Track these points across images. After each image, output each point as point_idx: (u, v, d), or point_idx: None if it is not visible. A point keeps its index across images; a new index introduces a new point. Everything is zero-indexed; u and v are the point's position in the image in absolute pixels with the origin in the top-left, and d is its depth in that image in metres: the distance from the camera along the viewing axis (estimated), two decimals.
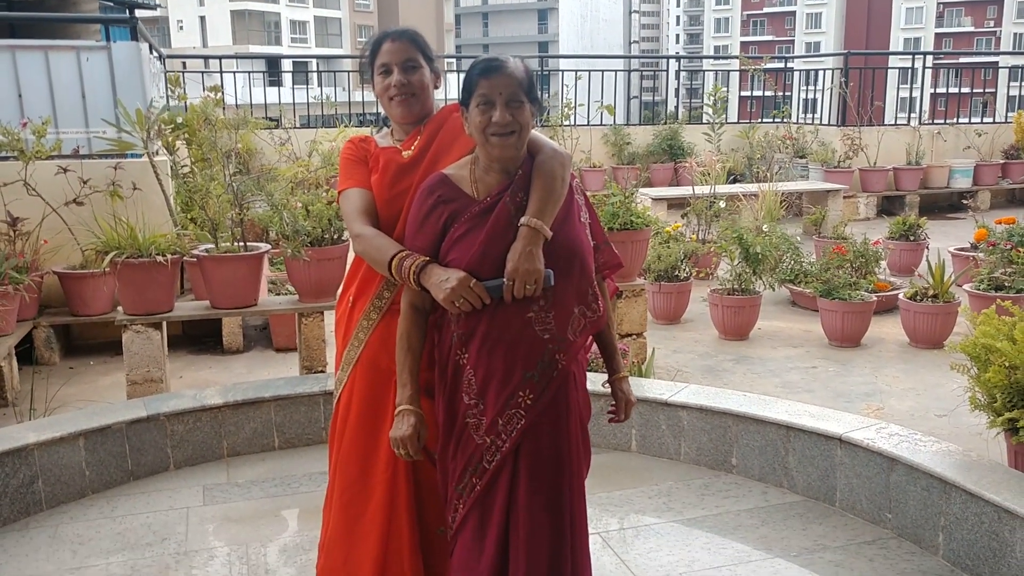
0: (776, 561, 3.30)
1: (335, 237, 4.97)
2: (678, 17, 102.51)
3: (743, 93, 16.97)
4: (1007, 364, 3.39)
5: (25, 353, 5.89)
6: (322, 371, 5.09)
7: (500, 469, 2.24)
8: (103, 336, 6.31)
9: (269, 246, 5.31)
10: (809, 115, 13.01)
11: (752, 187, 9.04)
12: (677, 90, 18.60)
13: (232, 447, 4.25)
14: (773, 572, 3.23)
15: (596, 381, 2.87)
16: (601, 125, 12.25)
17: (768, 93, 13.59)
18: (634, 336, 5.50)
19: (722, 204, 7.42)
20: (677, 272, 6.70)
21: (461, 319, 2.23)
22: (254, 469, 4.14)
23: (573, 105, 11.85)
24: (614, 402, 2.52)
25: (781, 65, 14.46)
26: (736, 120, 15.72)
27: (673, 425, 4.16)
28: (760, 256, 6.25)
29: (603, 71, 12.91)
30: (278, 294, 5.98)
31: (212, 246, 5.09)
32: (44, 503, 3.75)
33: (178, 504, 3.81)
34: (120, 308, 4.94)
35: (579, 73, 12.46)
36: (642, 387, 4.38)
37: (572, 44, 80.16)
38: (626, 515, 3.71)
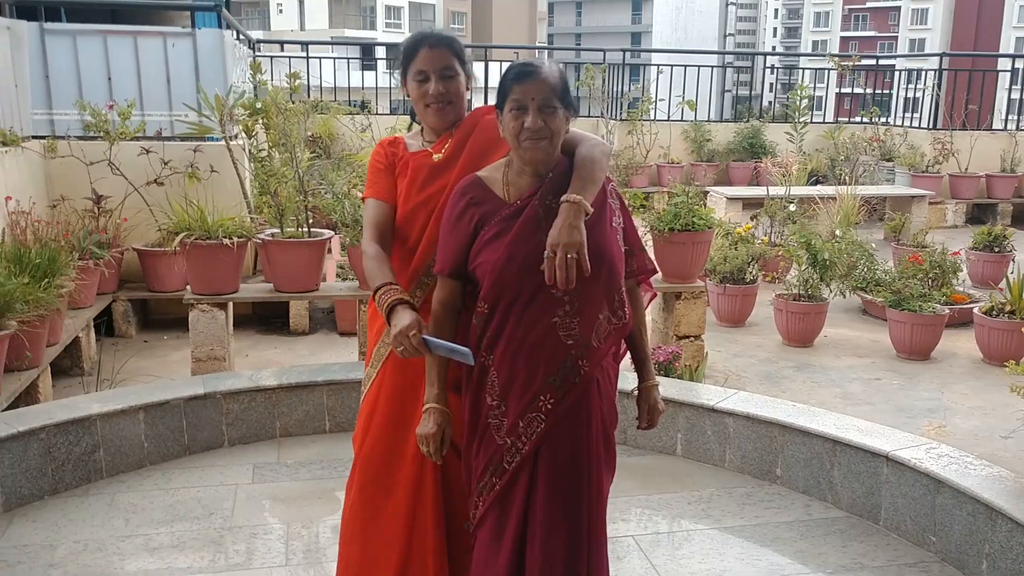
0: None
1: None
2: (776, 10, 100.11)
3: (842, 90, 16.49)
4: None
5: (106, 326, 6.17)
6: None
7: (519, 471, 2.26)
8: (178, 312, 6.52)
9: (332, 233, 5.43)
10: (909, 114, 12.54)
11: (830, 190, 8.82)
12: (773, 85, 18.23)
13: (284, 428, 4.38)
14: None
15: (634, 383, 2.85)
16: (681, 121, 12.10)
17: (867, 91, 13.21)
18: (691, 338, 5.45)
19: (792, 207, 7.26)
20: (744, 275, 6.60)
21: (488, 321, 2.25)
22: (304, 451, 4.26)
23: (653, 99, 11.74)
24: (639, 409, 2.52)
25: (872, 63, 14.01)
26: (833, 119, 15.32)
27: (719, 431, 4.12)
28: (828, 262, 6.10)
29: (698, 66, 12.69)
30: (345, 279, 6.10)
31: (278, 231, 5.23)
32: (104, 471, 3.94)
33: (228, 480, 3.95)
34: (189, 287, 5.12)
35: (667, 67, 12.33)
36: (691, 391, 4.35)
37: (666, 35, 79.06)
38: (662, 520, 3.70)
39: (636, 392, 2.52)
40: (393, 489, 2.46)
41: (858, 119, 12.97)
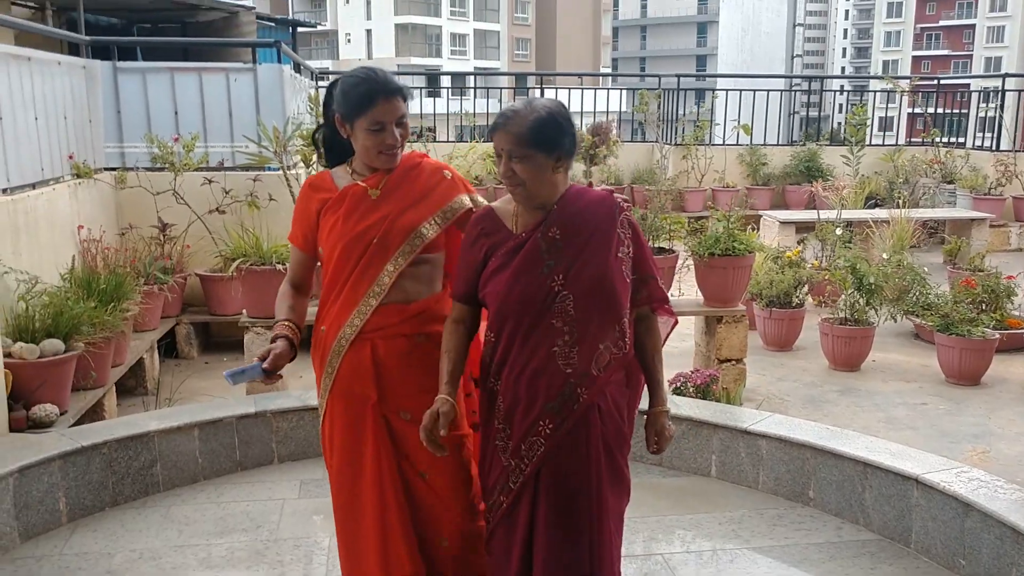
0: None
1: None
2: (845, 30, 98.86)
3: (914, 110, 16.26)
4: None
5: (170, 348, 6.47)
6: None
7: (522, 491, 2.37)
8: (237, 335, 6.78)
9: None
10: (983, 135, 12.28)
11: (883, 213, 8.75)
12: (843, 107, 18.05)
13: (295, 453, 4.55)
14: None
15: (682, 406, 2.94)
16: (737, 144, 12.11)
17: (940, 111, 13.03)
18: (733, 362, 5.49)
19: (838, 231, 7.24)
20: (790, 299, 6.61)
21: (495, 349, 2.39)
22: (318, 470, 4.43)
23: (709, 124, 11.79)
24: (646, 433, 2.57)
25: (934, 84, 13.83)
26: (905, 140, 15.11)
27: (752, 453, 4.17)
28: (874, 286, 6.09)
29: (764, 90, 12.70)
30: None
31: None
32: (161, 485, 4.16)
33: (276, 495, 4.14)
34: (245, 311, 5.37)
35: (726, 92, 12.38)
36: (726, 414, 4.41)
37: (732, 57, 78.68)
38: (693, 539, 3.76)
39: (645, 416, 2.57)
40: (362, 512, 2.57)
41: (919, 140, 12.80)
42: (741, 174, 12.03)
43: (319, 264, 2.68)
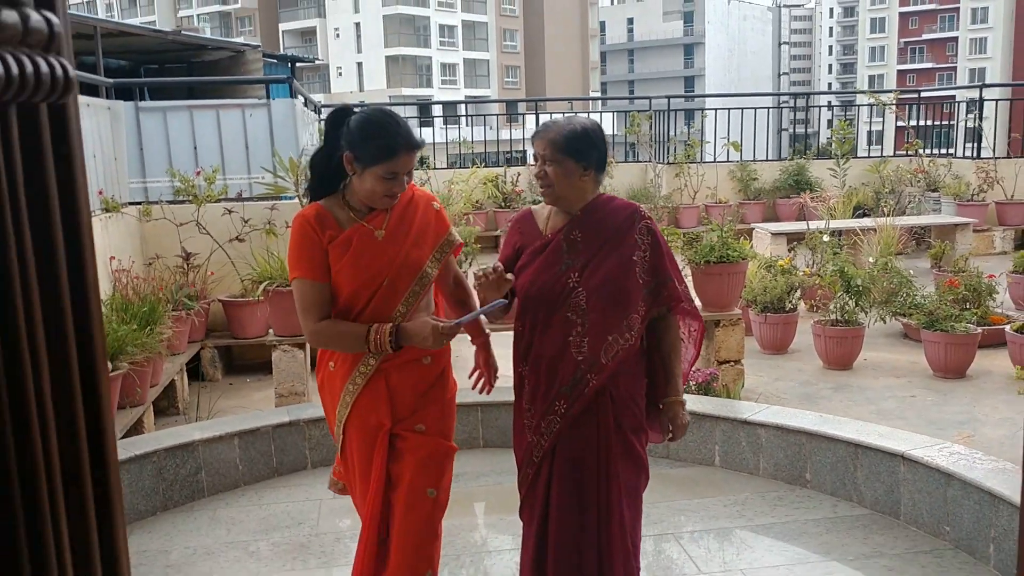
0: (832, 563, 3.63)
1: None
2: (830, 47, 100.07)
3: (902, 124, 16.70)
4: None
5: (194, 370, 6.80)
6: None
7: (542, 463, 2.71)
8: (259, 357, 7.15)
9: None
10: (970, 145, 12.71)
11: (869, 221, 9.14)
12: (831, 122, 18.49)
13: None
14: (827, 572, 3.56)
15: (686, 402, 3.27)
16: (728, 161, 12.53)
17: (926, 123, 13.46)
18: (731, 363, 5.84)
19: (825, 238, 7.62)
20: (783, 304, 6.97)
21: (522, 337, 2.74)
22: None
23: (700, 143, 12.21)
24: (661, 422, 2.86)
25: (915, 96, 14.28)
26: (892, 152, 15.54)
27: (752, 442, 4.51)
28: (862, 288, 6.45)
29: (752, 108, 13.18)
30: None
31: None
32: (206, 491, 4.49)
33: (313, 496, 4.46)
34: (271, 331, 5.71)
35: (714, 111, 12.83)
36: (727, 407, 4.75)
37: (719, 78, 79.71)
38: (700, 519, 4.09)
39: (661, 406, 2.86)
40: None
41: (903, 152, 13.24)
42: (733, 189, 12.44)
43: None
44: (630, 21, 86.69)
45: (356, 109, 2.67)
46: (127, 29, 9.91)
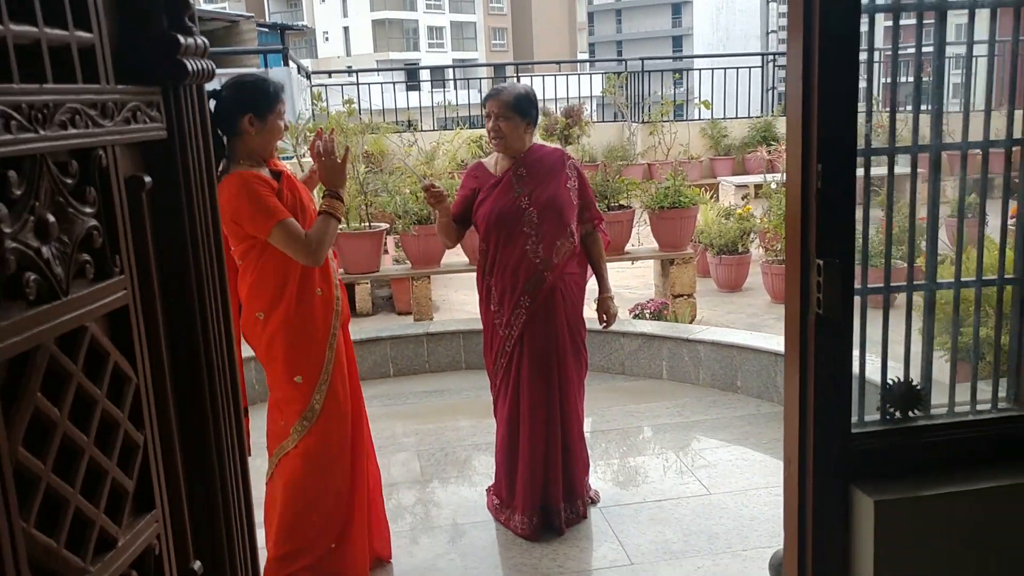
0: (747, 447, 4.42)
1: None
2: None
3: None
4: None
5: None
6: (429, 320, 6.47)
7: (513, 350, 3.49)
8: None
9: (388, 225, 6.73)
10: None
11: None
12: None
13: (359, 374, 5.63)
14: (742, 452, 4.35)
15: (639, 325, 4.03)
16: (699, 120, 13.24)
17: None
18: (684, 296, 6.62)
19: (773, 185, 8.35)
20: (736, 246, 7.73)
21: (487, 255, 3.49)
22: (374, 389, 5.52)
23: (671, 104, 12.90)
24: (597, 314, 3.71)
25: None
26: None
27: (693, 357, 5.29)
28: None
29: (736, 68, 13.82)
30: (400, 263, 7.40)
31: (344, 226, 6.54)
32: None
33: None
34: None
35: (706, 70, 13.51)
36: (673, 328, 5.53)
37: (707, 37, 79.63)
38: (645, 418, 4.88)
39: (595, 302, 3.72)
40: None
41: None
42: (704, 146, 13.15)
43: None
44: None
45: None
46: None
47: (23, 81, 1.10)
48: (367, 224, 6.58)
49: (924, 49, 2.12)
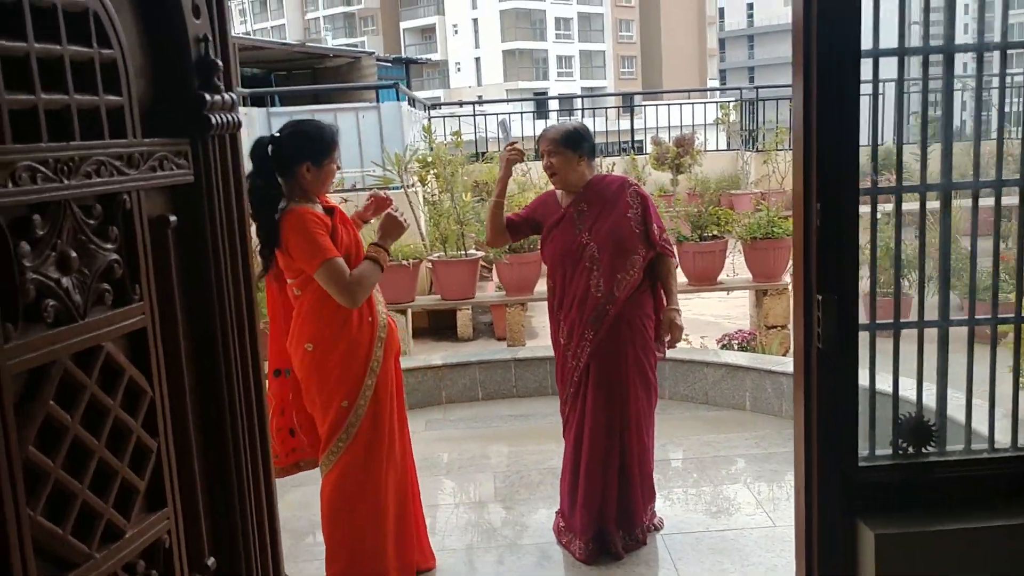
0: None
1: (529, 246, 6.51)
2: (965, 25, 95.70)
3: None
4: None
5: None
6: (521, 345, 6.64)
7: (580, 381, 3.61)
8: None
9: (483, 253, 6.96)
10: None
11: None
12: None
13: (448, 396, 5.87)
14: None
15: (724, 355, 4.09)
16: None
17: None
18: (778, 328, 6.56)
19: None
20: None
21: (555, 291, 3.64)
22: (463, 411, 5.74)
23: (785, 132, 12.72)
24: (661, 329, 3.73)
25: None
26: None
27: (776, 388, 5.27)
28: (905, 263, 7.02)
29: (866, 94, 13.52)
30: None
31: (443, 253, 6.81)
32: None
33: (412, 430, 5.46)
34: None
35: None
36: (758, 360, 5.51)
37: None
38: (722, 447, 4.90)
39: (660, 316, 3.72)
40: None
41: None
42: None
43: None
44: (749, 6, 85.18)
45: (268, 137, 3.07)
46: (258, 44, 11.24)
47: (54, 139, 1.34)
48: (463, 252, 6.83)
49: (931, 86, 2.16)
